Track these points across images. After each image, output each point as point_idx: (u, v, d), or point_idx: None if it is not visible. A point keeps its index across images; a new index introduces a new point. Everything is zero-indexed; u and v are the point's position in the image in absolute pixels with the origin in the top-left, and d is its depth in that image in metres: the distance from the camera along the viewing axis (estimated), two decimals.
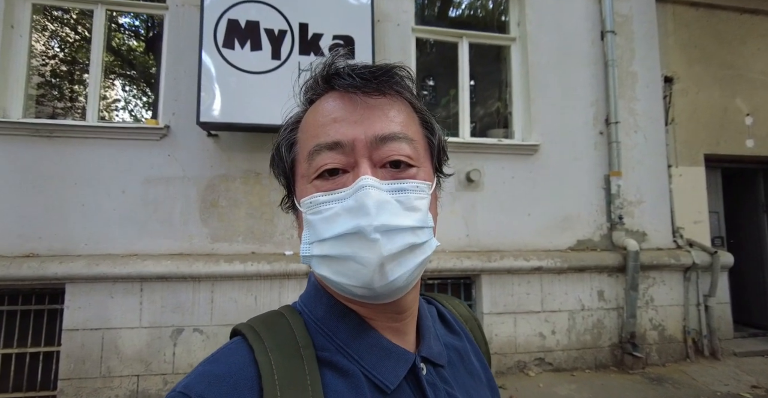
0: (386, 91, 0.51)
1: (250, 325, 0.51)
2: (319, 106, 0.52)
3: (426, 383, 0.51)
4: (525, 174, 3.97)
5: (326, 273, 0.48)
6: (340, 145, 0.48)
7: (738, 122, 4.64)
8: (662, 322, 4.02)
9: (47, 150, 3.21)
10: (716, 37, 4.70)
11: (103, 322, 3.06)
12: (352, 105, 0.49)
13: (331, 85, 0.52)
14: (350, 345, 0.50)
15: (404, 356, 0.51)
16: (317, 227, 0.48)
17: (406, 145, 0.50)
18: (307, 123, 0.53)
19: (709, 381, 3.53)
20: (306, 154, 0.50)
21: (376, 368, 0.49)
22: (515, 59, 4.25)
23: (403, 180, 0.49)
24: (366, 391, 0.47)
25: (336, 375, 0.47)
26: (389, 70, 0.51)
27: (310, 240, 0.49)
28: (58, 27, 4.41)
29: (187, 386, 0.42)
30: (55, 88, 4.45)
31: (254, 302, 3.24)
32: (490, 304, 3.63)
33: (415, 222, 0.47)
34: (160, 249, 3.27)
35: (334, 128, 0.49)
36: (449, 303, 0.71)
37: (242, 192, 3.45)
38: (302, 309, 0.54)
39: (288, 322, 0.51)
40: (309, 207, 0.49)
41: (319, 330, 0.51)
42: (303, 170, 0.51)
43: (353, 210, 0.45)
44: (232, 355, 0.46)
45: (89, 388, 2.98)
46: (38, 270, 2.96)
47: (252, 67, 3.18)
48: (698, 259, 4.07)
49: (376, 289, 0.46)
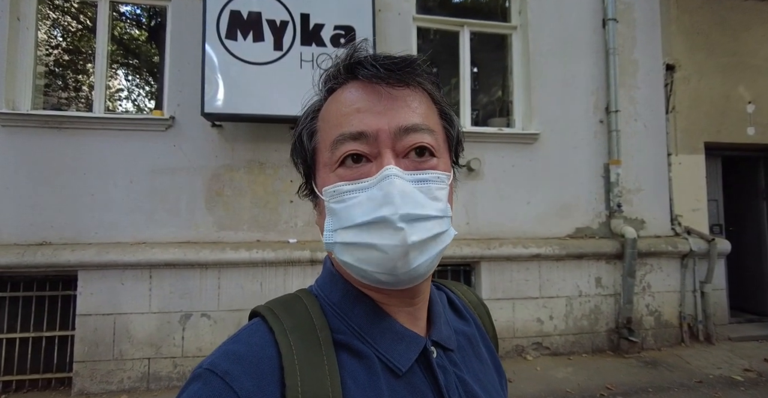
0: (409, 82, 0.52)
1: (269, 307, 0.52)
2: (342, 95, 0.53)
3: (437, 366, 0.53)
4: (525, 162, 4.01)
5: (349, 260, 0.49)
6: (364, 135, 0.49)
7: (739, 110, 4.64)
8: (658, 308, 4.10)
9: (57, 141, 3.29)
10: (720, 23, 4.67)
11: (115, 308, 3.17)
12: (375, 95, 0.50)
13: (354, 74, 0.52)
14: (364, 329, 0.51)
15: (416, 340, 0.53)
16: (341, 215, 0.49)
17: (428, 136, 0.51)
18: (329, 112, 0.53)
19: (702, 365, 3.62)
20: (329, 143, 0.50)
21: (388, 351, 0.50)
22: (516, 48, 4.25)
23: (425, 171, 0.50)
24: (380, 373, 0.48)
25: (351, 356, 0.49)
26: (412, 62, 0.52)
27: (333, 227, 0.50)
28: (60, 15, 4.43)
29: (212, 363, 0.44)
30: (59, 79, 4.50)
31: (260, 288, 3.34)
32: (489, 290, 3.72)
33: (437, 211, 0.49)
34: (167, 237, 3.37)
35: (357, 118, 0.49)
36: (458, 290, 0.72)
37: (246, 181, 3.52)
38: (318, 293, 0.56)
39: (305, 305, 0.53)
40: (332, 196, 0.50)
41: (335, 313, 0.53)
42: (325, 159, 0.52)
43: (378, 199, 0.46)
44: (253, 336, 0.48)
45: (103, 370, 3.11)
46: (51, 257, 3.07)
47: (255, 58, 3.22)
48: (695, 246, 4.13)
49: (399, 276, 0.48)
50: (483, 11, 4.64)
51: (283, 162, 3.55)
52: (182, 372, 3.21)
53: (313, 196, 0.56)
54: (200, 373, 0.44)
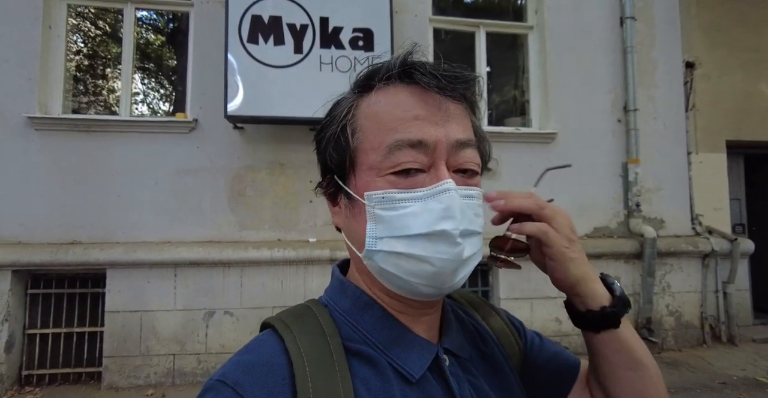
0: (466, 98, 0.53)
1: (279, 318, 0.52)
2: (396, 97, 0.50)
3: (449, 374, 0.52)
4: (542, 162, 4.00)
5: (392, 270, 0.48)
6: (423, 144, 0.48)
7: (762, 107, 4.55)
8: (679, 308, 4.05)
9: (86, 144, 3.41)
10: (740, 20, 4.59)
11: (141, 305, 3.27)
12: (435, 105, 0.49)
13: (410, 77, 0.50)
14: (375, 336, 0.51)
15: (428, 347, 0.53)
16: (392, 223, 0.48)
17: (475, 153, 0.52)
18: (379, 112, 0.50)
19: (725, 366, 3.57)
20: (384, 147, 0.48)
21: (400, 358, 0.50)
22: (533, 47, 4.25)
23: (471, 187, 0.51)
24: (393, 380, 0.48)
25: (363, 363, 0.48)
26: (473, 79, 0.52)
27: (378, 235, 0.48)
28: (81, 21, 4.56)
29: (224, 375, 0.44)
30: (85, 83, 4.65)
31: (280, 286, 3.41)
32: (507, 290, 3.72)
33: (480, 228, 0.51)
34: (191, 236, 3.46)
35: (416, 126, 0.48)
36: (455, 293, 0.71)
37: (268, 182, 3.59)
38: (328, 303, 0.55)
39: (315, 314, 0.52)
40: (380, 202, 0.48)
41: (345, 321, 0.52)
42: (372, 162, 0.49)
43: (437, 212, 0.46)
44: (264, 345, 0.48)
45: (131, 365, 3.21)
46: (82, 256, 3.18)
47: (275, 61, 3.30)
48: (717, 246, 4.06)
49: (443, 290, 0.48)
50: (498, 11, 4.64)
51: (303, 163, 3.61)
52: (206, 368, 3.29)
53: (342, 196, 0.54)
54: (212, 385, 0.44)
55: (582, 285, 0.57)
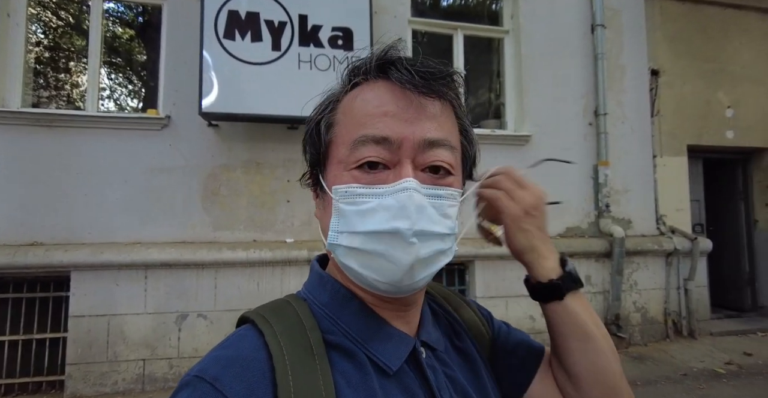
0: (442, 95, 0.51)
1: (258, 312, 0.51)
2: (370, 93, 0.51)
3: (426, 366, 0.53)
4: (517, 164, 4.04)
5: (353, 265, 0.49)
6: (388, 140, 0.48)
7: (720, 114, 4.83)
8: (645, 305, 4.24)
9: (48, 140, 3.23)
10: (701, 31, 4.85)
11: (109, 309, 3.13)
12: (405, 102, 0.49)
13: (385, 73, 0.50)
14: (354, 329, 0.51)
15: (405, 340, 0.53)
16: (351, 218, 0.48)
17: (449, 153, 0.51)
18: (353, 108, 0.51)
19: (686, 359, 3.76)
20: (350, 141, 0.49)
21: (378, 351, 0.50)
22: (508, 51, 4.34)
23: (441, 187, 0.50)
24: (371, 372, 0.48)
25: (342, 356, 0.49)
26: (449, 74, 0.51)
27: (339, 229, 0.49)
28: (41, 11, 4.33)
29: (201, 370, 0.43)
30: (47, 77, 4.41)
31: (257, 288, 3.34)
32: (483, 289, 3.79)
33: (446, 229, 0.50)
34: (163, 237, 3.33)
35: (383, 122, 0.48)
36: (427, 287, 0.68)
37: (243, 181, 3.51)
38: (307, 297, 0.55)
39: (294, 308, 0.52)
40: (343, 196, 0.49)
41: (324, 315, 0.52)
42: (342, 156, 0.50)
43: (393, 210, 0.46)
44: (243, 340, 0.47)
45: (96, 372, 3.07)
46: (44, 258, 3.01)
47: (252, 58, 3.23)
48: (679, 245, 4.28)
49: (401, 287, 0.48)
50: (475, 15, 4.72)
51: (280, 162, 3.55)
52: (178, 372, 3.18)
53: (318, 188, 0.55)
54: (189, 381, 0.42)
55: (529, 255, 0.62)
